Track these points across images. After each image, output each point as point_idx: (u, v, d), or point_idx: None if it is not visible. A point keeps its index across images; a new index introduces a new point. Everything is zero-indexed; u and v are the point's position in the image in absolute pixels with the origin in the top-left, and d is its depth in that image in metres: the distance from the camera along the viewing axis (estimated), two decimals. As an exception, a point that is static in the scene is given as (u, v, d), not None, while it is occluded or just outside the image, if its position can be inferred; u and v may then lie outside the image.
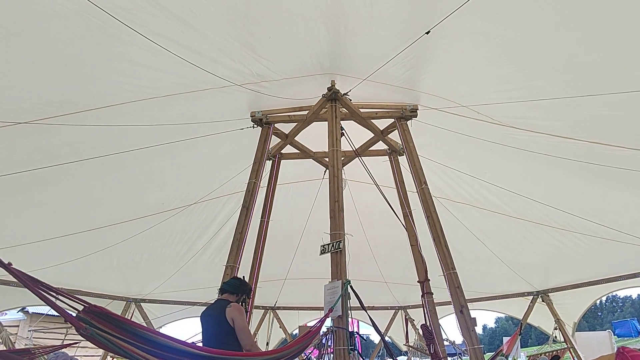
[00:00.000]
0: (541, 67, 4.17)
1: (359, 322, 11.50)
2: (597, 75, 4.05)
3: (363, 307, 4.38)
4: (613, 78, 4.04)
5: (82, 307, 1.69)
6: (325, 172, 6.72)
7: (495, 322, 64.63)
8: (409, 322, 10.85)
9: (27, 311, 13.05)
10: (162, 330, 9.65)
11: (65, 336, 9.53)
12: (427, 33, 3.77)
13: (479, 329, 4.74)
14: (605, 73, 4.00)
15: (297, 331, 9.82)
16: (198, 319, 3.74)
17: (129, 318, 8.28)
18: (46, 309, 9.49)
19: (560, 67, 4.06)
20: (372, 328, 9.72)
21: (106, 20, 3.41)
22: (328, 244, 4.60)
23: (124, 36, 3.64)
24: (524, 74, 4.34)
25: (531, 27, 3.65)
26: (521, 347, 12.19)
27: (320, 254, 4.66)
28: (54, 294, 1.57)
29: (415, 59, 4.47)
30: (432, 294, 5.80)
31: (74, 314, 1.66)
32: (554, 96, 4.45)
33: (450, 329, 8.36)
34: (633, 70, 3.87)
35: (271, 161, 6.83)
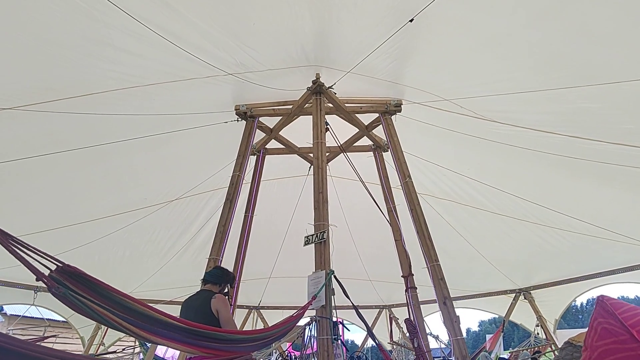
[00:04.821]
0: (523, 59, 4.18)
1: (344, 321, 11.44)
2: (578, 66, 4.07)
3: (347, 296, 4.37)
4: (593, 69, 4.04)
5: (56, 266, 1.65)
6: (310, 167, 6.71)
7: (478, 325, 64.90)
8: (393, 321, 10.87)
9: (5, 313, 12.84)
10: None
11: (43, 333, 9.31)
12: (411, 21, 3.79)
13: (462, 332, 4.76)
14: (585, 64, 4.01)
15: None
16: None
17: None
18: (24, 310, 9.30)
19: (541, 58, 4.09)
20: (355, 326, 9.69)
21: (88, 1, 3.36)
22: (312, 235, 4.59)
23: (106, 18, 3.59)
24: (506, 65, 4.35)
25: (512, 15, 3.66)
26: (504, 350, 12.25)
27: (304, 245, 4.64)
28: (26, 250, 1.52)
29: (399, 50, 4.48)
30: (416, 288, 5.83)
31: (47, 273, 1.61)
32: (536, 88, 4.47)
33: (435, 327, 8.41)
34: (613, 61, 3.89)
35: (255, 156, 6.82)
